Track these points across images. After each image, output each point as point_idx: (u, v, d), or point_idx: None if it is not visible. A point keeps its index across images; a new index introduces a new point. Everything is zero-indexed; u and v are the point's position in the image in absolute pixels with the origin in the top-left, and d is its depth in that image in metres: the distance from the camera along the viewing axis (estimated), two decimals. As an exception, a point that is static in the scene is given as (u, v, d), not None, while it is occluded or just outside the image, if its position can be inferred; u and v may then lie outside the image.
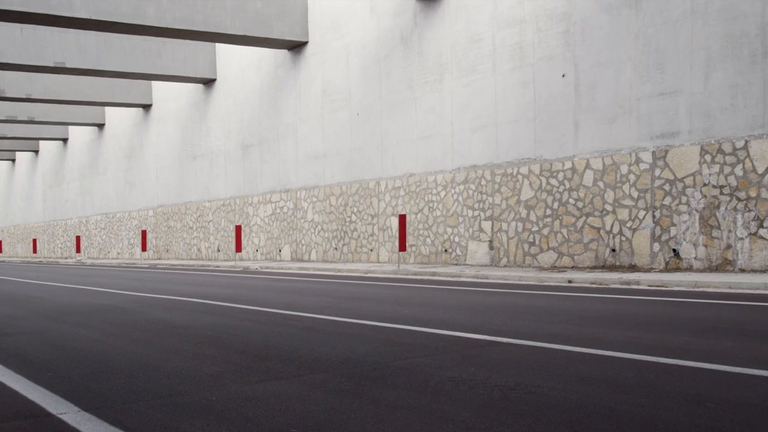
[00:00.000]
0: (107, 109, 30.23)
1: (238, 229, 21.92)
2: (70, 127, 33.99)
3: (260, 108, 21.35)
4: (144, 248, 26.52)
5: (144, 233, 26.69)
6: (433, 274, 13.49)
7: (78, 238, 32.44)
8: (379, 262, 17.34)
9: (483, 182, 14.36)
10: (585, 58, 12.48)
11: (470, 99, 14.83)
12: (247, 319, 8.02)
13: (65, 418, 3.97)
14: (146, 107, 27.13)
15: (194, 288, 12.67)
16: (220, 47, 22.62)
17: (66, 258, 34.13)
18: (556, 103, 13.04)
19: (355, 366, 5.11)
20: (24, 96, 23.16)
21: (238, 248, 21.74)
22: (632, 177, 11.66)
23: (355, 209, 18.11)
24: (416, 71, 15.93)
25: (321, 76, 19.05)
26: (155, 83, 26.44)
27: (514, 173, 13.73)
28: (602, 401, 3.84)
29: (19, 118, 27.45)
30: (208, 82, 23.43)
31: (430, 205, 15.84)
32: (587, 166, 12.62)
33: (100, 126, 30.99)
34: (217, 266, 20.17)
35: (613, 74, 12.09)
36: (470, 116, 14.60)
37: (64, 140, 34.82)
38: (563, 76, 12.84)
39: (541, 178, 13.20)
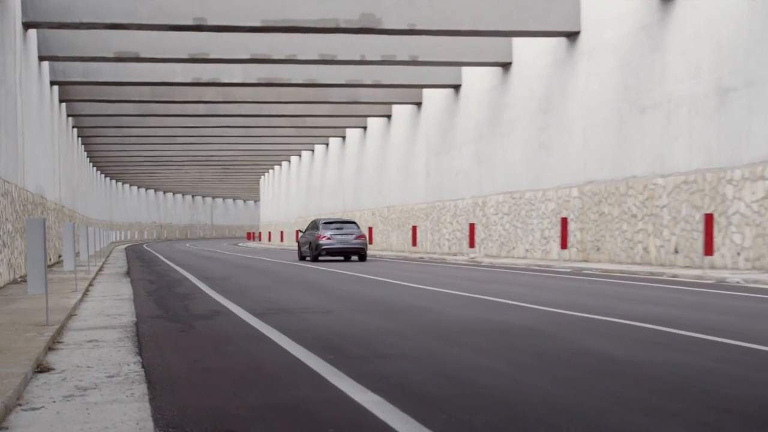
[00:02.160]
0: (515, 41, 31.97)
1: (709, 219, 21.45)
2: (464, 70, 36.72)
3: (749, 27, 20.58)
4: (564, 245, 27.49)
5: (564, 222, 27.67)
6: None
7: (472, 227, 34.91)
8: None
9: None
10: None
11: None
12: (725, 360, 7.87)
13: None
14: (571, 36, 28.02)
15: (635, 306, 12.83)
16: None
17: (455, 254, 37.10)
18: None
19: None
20: (406, 27, 25.63)
21: (708, 250, 21.26)
22: None
23: None
24: None
25: None
26: (584, -2, 27.21)
27: None
28: None
29: (399, 58, 30.51)
30: (665, -9, 23.38)
31: None
32: None
33: (505, 66, 32.89)
34: (674, 275, 20.05)
35: None
36: None
37: (456, 87, 37.76)
38: None
39: None
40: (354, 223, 33.79)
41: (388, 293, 16.43)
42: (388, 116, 46.67)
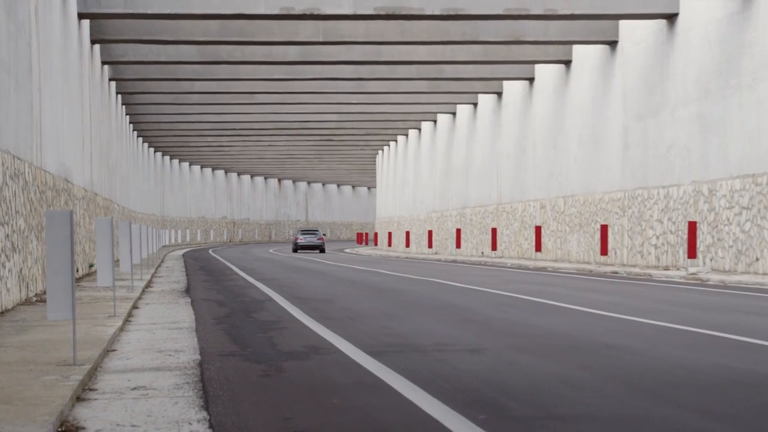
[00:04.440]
0: (758, -54, 31.36)
1: None
2: (681, -9, 36.22)
3: None
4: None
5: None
6: None
7: (692, 228, 34.38)
8: None
9: None
10: None
11: None
12: None
13: None
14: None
15: None
16: None
17: (666, 268, 36.57)
18: None
19: None
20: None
21: None
22: None
23: None
24: None
25: None
26: None
27: None
28: None
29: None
30: None
31: None
32: None
33: (743, -15, 32.33)
34: None
35: None
36: None
37: (669, 18, 37.20)
38: None
39: None
40: (317, 230, 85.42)
41: (565, 324, 16.35)
42: (566, 62, 46.32)
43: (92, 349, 11.92)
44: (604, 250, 40.84)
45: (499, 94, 56.20)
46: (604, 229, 40.73)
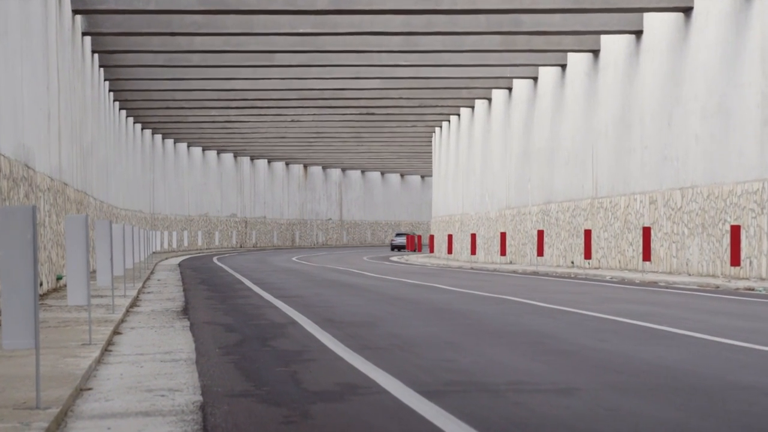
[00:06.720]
0: None
1: None
2: None
3: None
4: None
5: None
6: None
7: None
8: None
9: None
10: None
11: None
12: None
13: None
14: None
15: None
16: None
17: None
18: None
19: None
20: None
21: None
22: None
23: None
24: None
25: None
26: None
27: None
28: None
29: None
30: None
31: None
32: None
33: None
34: None
35: None
36: None
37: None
38: None
39: None
40: (405, 234, 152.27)
41: (681, 357, 16.37)
42: (686, 9, 46.23)
43: (61, 388, 11.95)
44: (735, 260, 40.76)
45: (596, 52, 56.15)
46: (735, 231, 40.65)
